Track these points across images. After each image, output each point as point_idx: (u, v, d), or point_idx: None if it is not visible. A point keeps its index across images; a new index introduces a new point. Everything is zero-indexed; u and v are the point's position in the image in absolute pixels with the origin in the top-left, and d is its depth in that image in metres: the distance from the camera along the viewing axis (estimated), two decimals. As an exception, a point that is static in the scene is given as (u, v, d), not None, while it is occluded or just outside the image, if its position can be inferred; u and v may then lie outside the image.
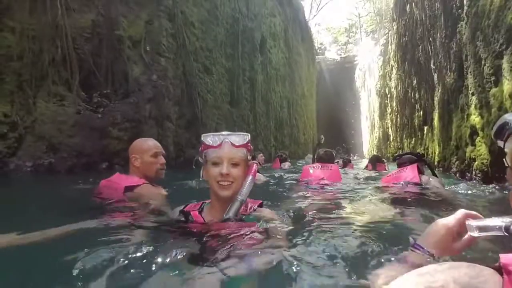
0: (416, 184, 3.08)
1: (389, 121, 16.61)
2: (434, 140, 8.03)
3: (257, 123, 10.16)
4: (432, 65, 8.38)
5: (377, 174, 6.34)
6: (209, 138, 1.47)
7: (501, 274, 0.53)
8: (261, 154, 8.23)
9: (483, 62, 3.95)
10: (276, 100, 12.53)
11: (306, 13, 22.46)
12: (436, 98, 7.83)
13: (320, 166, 3.68)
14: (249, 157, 1.54)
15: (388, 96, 16.53)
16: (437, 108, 7.62)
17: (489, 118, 3.83)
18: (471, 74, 4.46)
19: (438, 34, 7.31)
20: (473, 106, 4.40)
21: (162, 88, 5.37)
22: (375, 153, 16.34)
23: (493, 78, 3.70)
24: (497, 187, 3.69)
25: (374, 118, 21.41)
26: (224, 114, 7.82)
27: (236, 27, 8.83)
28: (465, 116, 4.85)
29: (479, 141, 4.23)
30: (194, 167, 1.72)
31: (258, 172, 3.99)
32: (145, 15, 5.45)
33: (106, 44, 4.80)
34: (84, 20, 4.66)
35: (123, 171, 2.48)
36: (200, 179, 1.58)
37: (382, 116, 18.28)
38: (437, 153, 7.34)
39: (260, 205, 1.61)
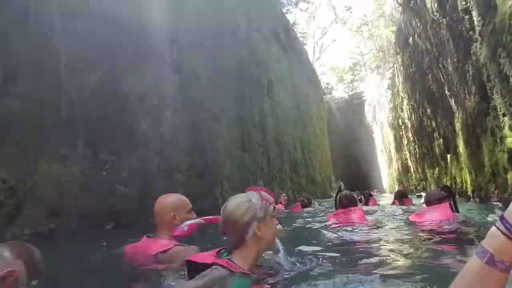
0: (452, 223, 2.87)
1: (407, 152, 16.07)
2: (462, 168, 7.47)
3: (271, 167, 9.83)
4: (446, 91, 8.10)
5: (405, 208, 5.83)
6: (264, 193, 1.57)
7: None
8: (284, 194, 7.75)
9: (511, 80, 3.64)
10: (288, 142, 12.31)
11: (310, 56, 23.14)
12: (457, 124, 7.43)
13: (342, 211, 3.60)
14: None
15: (402, 127, 16.17)
16: (460, 134, 7.19)
17: (531, 138, 3.42)
18: (497, 94, 4.13)
19: (449, 60, 7.12)
20: (506, 127, 4.00)
21: (170, 140, 5.20)
22: (398, 188, 15.56)
23: (527, 94, 3.36)
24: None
25: (390, 151, 20.87)
26: (237, 161, 7.56)
27: (242, 74, 8.91)
28: (498, 140, 4.42)
29: (522, 165, 3.78)
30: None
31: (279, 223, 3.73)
32: (150, 70, 5.47)
33: (112, 101, 4.74)
34: (89, 79, 4.65)
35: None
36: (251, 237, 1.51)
37: (399, 148, 17.77)
38: (469, 182, 6.76)
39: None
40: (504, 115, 4.07)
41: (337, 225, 3.45)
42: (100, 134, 4.50)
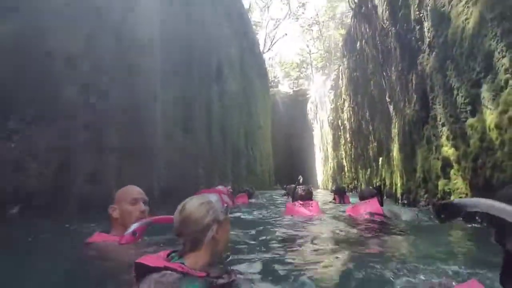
0: (379, 214, 3.60)
1: (343, 152, 16.90)
2: (393, 171, 7.97)
3: (213, 153, 9.47)
4: (387, 98, 8.53)
5: (345, 206, 6.09)
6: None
7: None
8: (229, 187, 7.42)
9: (455, 92, 3.81)
10: (233, 129, 12.04)
11: (261, 46, 22.99)
12: (394, 130, 7.87)
13: (301, 203, 4.03)
14: None
15: (341, 128, 16.95)
16: (396, 140, 7.62)
17: (467, 149, 3.62)
18: (439, 104, 4.34)
19: (393, 68, 7.46)
20: (444, 137, 4.23)
21: (103, 113, 4.54)
22: (332, 185, 16.39)
23: (469, 108, 3.53)
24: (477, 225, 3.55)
25: (327, 149, 21.85)
26: (178, 143, 7.05)
27: (191, 53, 8.32)
28: (434, 148, 4.69)
29: (455, 173, 4.02)
30: None
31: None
32: (84, 29, 4.68)
33: (32, 59, 3.92)
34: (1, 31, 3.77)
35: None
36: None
37: (336, 147, 18.64)
38: (399, 185, 7.22)
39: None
40: (443, 125, 4.29)
41: (295, 217, 3.83)
42: (12, 97, 3.69)
